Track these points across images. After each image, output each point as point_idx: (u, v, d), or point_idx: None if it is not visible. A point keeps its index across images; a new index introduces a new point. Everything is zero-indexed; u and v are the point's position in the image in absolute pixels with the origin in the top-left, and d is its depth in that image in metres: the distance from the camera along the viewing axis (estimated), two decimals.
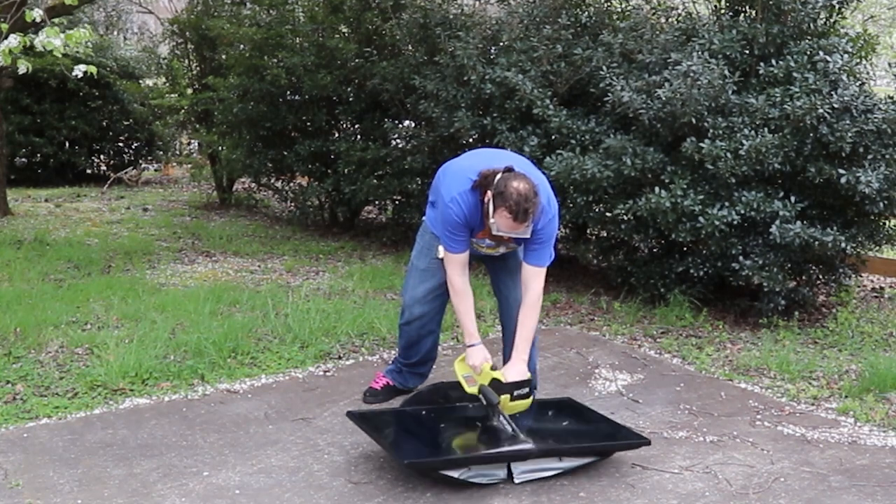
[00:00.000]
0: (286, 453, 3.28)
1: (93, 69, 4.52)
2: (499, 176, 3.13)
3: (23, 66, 4.50)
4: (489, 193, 3.13)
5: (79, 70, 4.50)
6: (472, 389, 3.28)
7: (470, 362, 3.33)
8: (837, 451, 3.37)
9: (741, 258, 4.87)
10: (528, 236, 3.19)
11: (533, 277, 3.31)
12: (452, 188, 3.27)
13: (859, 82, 5.06)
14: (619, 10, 6.24)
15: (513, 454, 3.04)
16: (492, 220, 3.12)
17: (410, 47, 7.01)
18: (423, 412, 3.43)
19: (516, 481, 3.02)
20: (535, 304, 3.31)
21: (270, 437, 3.43)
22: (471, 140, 6.11)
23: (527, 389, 3.18)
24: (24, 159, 11.47)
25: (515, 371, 3.22)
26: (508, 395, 3.14)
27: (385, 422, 3.36)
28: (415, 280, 3.61)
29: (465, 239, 3.30)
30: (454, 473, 2.95)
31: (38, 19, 4.29)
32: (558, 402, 3.65)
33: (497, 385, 3.15)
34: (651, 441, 3.21)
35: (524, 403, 3.20)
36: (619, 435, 3.26)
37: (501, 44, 6.22)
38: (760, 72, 5.03)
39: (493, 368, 3.23)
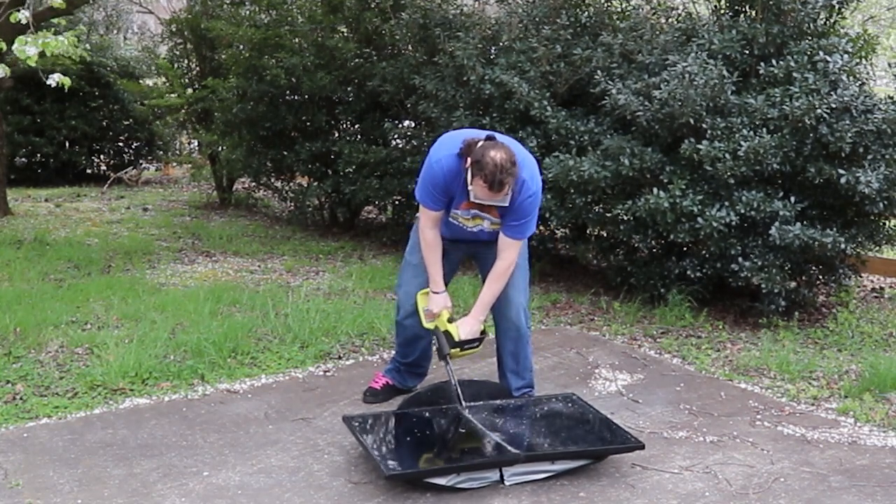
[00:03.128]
0: (286, 453, 3.28)
1: (66, 81, 4.48)
2: (479, 144, 3.20)
3: (0, 71, 4.50)
4: (469, 161, 3.21)
5: (52, 80, 4.46)
6: (428, 325, 3.55)
7: (431, 306, 3.53)
8: (837, 451, 3.37)
9: (740, 259, 4.87)
10: (507, 204, 3.28)
11: (507, 247, 3.44)
12: (440, 151, 3.38)
13: (859, 82, 5.05)
14: (619, 10, 6.23)
15: (499, 461, 3.04)
16: (470, 187, 3.23)
17: (410, 47, 7.01)
18: (417, 415, 3.43)
19: (507, 483, 3.02)
20: (504, 273, 3.46)
21: (270, 437, 3.43)
22: None
23: (476, 343, 3.51)
24: (24, 159, 11.48)
25: (468, 329, 3.47)
26: (459, 349, 3.47)
27: (378, 426, 3.35)
28: (408, 275, 3.67)
29: (442, 200, 3.40)
30: (441, 481, 2.95)
31: (23, 21, 4.27)
32: (561, 397, 3.65)
33: (450, 339, 3.45)
34: (645, 445, 3.19)
35: (473, 351, 3.55)
36: (613, 439, 3.25)
37: (501, 44, 6.22)
38: (760, 72, 5.03)
39: (451, 320, 3.48)
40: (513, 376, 3.70)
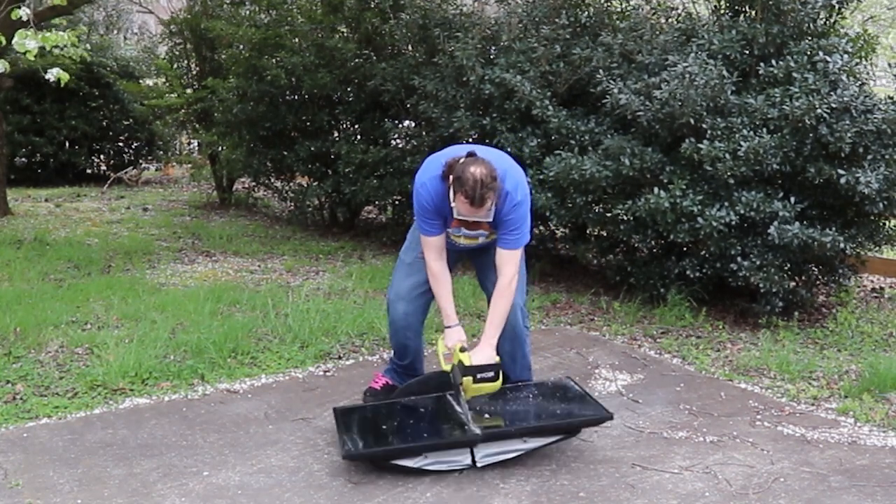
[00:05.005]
0: (286, 453, 3.28)
1: (64, 76, 4.50)
2: (460, 161, 3.22)
3: (0, 66, 4.52)
4: (451, 179, 3.22)
5: (51, 74, 4.49)
6: (447, 367, 3.39)
7: (446, 342, 3.46)
8: (837, 451, 3.37)
9: (740, 259, 4.87)
10: (491, 219, 3.27)
11: (506, 261, 3.39)
12: (424, 175, 3.38)
13: (859, 82, 5.05)
14: (619, 10, 6.23)
15: (458, 442, 3.10)
16: (452, 204, 3.22)
17: (410, 47, 7.01)
18: (400, 404, 3.49)
19: (479, 465, 3.08)
20: (507, 289, 3.38)
21: (270, 437, 3.43)
22: (470, 140, 6.11)
23: (492, 373, 3.23)
24: (24, 159, 11.49)
25: (481, 355, 3.27)
26: (471, 378, 3.20)
27: (360, 415, 3.42)
28: (400, 274, 3.66)
29: (438, 223, 3.38)
30: (409, 463, 3.02)
31: (24, 17, 4.29)
32: (550, 382, 3.68)
33: (461, 367, 3.23)
34: (614, 416, 3.20)
35: (490, 386, 3.25)
36: (581, 412, 3.26)
37: (501, 44, 6.23)
38: (760, 72, 5.03)
39: (463, 350, 3.30)
40: (510, 374, 3.70)
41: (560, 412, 3.35)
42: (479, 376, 3.21)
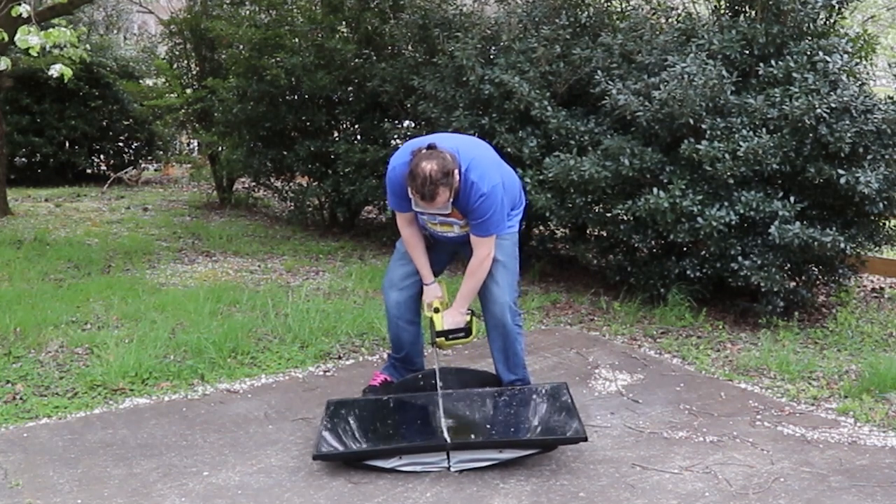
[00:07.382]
0: (286, 453, 3.28)
1: (67, 72, 4.52)
2: (418, 154, 3.24)
3: (2, 63, 4.53)
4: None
5: (54, 70, 4.52)
6: (428, 314, 3.66)
7: (424, 299, 3.66)
8: (837, 451, 3.37)
9: (740, 258, 4.87)
10: (448, 211, 3.34)
11: (477, 244, 3.49)
12: (396, 160, 3.44)
13: (859, 82, 5.05)
14: (619, 10, 6.23)
15: (425, 447, 3.13)
16: (410, 196, 3.28)
17: (409, 48, 7.01)
18: (391, 401, 3.53)
19: (452, 470, 3.09)
20: (477, 268, 3.51)
21: (270, 437, 3.43)
22: None
23: (462, 333, 3.61)
24: (24, 159, 11.50)
25: (451, 320, 3.57)
26: (444, 338, 3.60)
27: (349, 410, 3.47)
28: (394, 263, 3.73)
29: (405, 204, 3.45)
30: (383, 464, 3.08)
31: (24, 14, 4.29)
32: (542, 387, 3.69)
33: (434, 330, 3.58)
34: (588, 437, 3.16)
35: (462, 341, 3.66)
36: (558, 430, 3.25)
37: (501, 44, 6.23)
38: (760, 72, 5.03)
39: (437, 311, 3.60)
40: (504, 371, 3.72)
41: (540, 427, 3.36)
42: (450, 336, 3.60)
